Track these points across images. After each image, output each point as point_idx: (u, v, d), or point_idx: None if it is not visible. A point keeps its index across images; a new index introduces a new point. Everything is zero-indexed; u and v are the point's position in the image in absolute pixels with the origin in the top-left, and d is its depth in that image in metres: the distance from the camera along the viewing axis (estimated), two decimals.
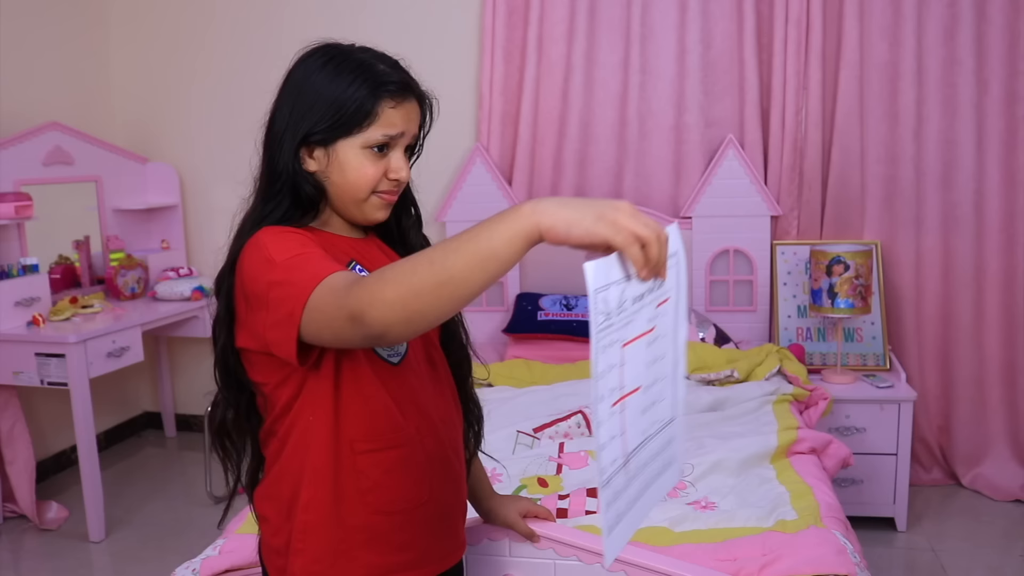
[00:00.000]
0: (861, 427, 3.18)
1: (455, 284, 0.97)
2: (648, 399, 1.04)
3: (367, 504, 1.26)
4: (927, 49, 3.43)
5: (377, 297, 0.99)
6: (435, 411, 1.33)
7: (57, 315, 3.44)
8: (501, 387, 3.16)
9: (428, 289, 0.97)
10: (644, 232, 0.93)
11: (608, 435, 0.96)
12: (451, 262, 0.97)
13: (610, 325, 0.94)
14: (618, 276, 0.94)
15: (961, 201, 3.48)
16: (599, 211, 0.93)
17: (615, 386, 0.96)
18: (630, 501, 1.04)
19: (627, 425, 1.00)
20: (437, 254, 0.98)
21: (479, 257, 0.96)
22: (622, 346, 0.96)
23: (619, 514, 1.01)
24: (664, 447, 1.11)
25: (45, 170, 3.71)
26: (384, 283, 1.00)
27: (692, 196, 3.67)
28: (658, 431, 1.09)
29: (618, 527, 1.01)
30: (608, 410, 0.96)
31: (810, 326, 3.56)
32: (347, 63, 1.24)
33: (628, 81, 3.71)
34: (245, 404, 1.32)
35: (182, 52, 4.29)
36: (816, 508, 2.11)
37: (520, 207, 0.96)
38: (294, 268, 1.13)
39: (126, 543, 3.31)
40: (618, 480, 1.00)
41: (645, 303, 1.00)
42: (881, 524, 3.24)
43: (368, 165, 1.25)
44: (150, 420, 4.62)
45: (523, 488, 2.30)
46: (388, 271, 1.01)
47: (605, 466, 0.96)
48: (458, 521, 1.42)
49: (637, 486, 1.05)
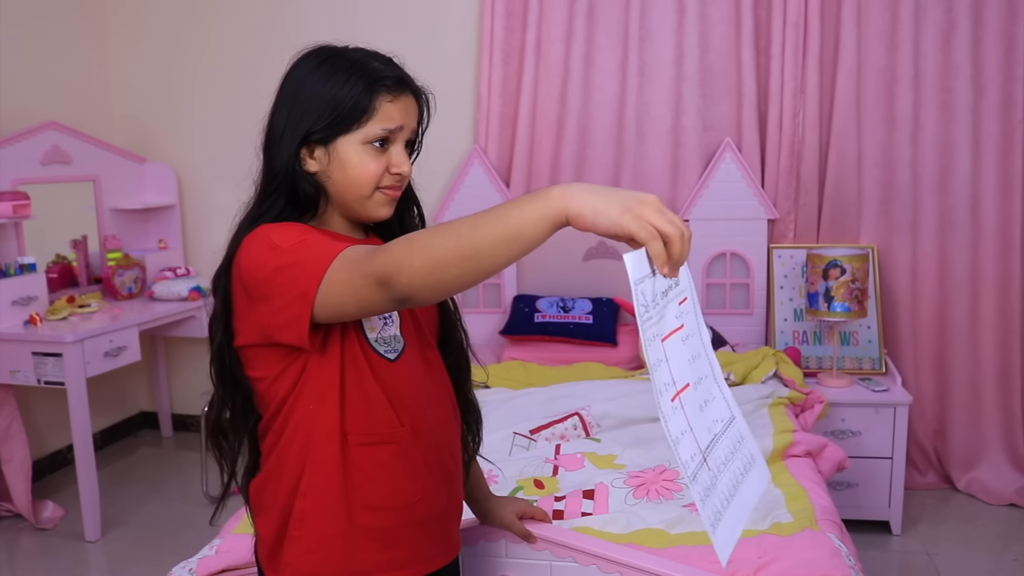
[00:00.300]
0: (857, 430, 3.19)
1: (481, 259, 1.00)
2: (700, 396, 1.05)
3: (359, 498, 1.27)
4: (924, 54, 3.45)
5: (406, 264, 1.02)
6: (431, 411, 1.34)
7: (54, 314, 3.44)
8: (498, 388, 3.16)
9: (455, 261, 1.00)
10: (668, 228, 0.94)
11: (679, 430, 0.97)
12: (479, 237, 0.99)
13: (649, 318, 0.95)
14: (647, 270, 0.96)
15: (957, 205, 3.50)
16: (626, 203, 0.95)
17: (668, 381, 0.97)
18: (724, 499, 1.03)
19: (691, 422, 1.01)
20: (465, 227, 1.01)
21: (507, 235, 0.98)
22: (661, 340, 0.98)
23: (717, 511, 1.00)
24: (737, 446, 1.11)
25: (43, 169, 3.71)
26: (411, 251, 1.02)
27: (689, 199, 3.68)
28: (724, 429, 1.09)
29: (721, 525, 1.00)
30: (669, 405, 0.97)
31: (806, 329, 3.57)
32: (341, 62, 1.26)
33: (626, 84, 3.71)
34: (241, 401, 1.33)
35: (181, 52, 4.29)
36: (811, 511, 2.12)
37: (549, 190, 0.98)
38: (302, 250, 1.15)
39: (122, 543, 3.31)
40: (703, 476, 0.99)
41: (669, 299, 1.01)
42: (876, 527, 3.25)
43: (369, 161, 1.26)
44: (146, 420, 4.62)
45: (519, 490, 2.30)
46: (415, 239, 1.04)
47: (686, 461, 0.97)
48: (452, 523, 1.43)
49: (726, 483, 1.04)
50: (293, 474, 1.27)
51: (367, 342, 1.26)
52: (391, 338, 1.28)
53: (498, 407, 2.93)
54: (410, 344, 1.31)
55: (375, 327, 1.27)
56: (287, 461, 1.28)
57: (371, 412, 1.26)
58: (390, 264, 1.04)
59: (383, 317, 1.28)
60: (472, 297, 3.87)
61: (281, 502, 1.29)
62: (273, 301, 1.16)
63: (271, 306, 1.16)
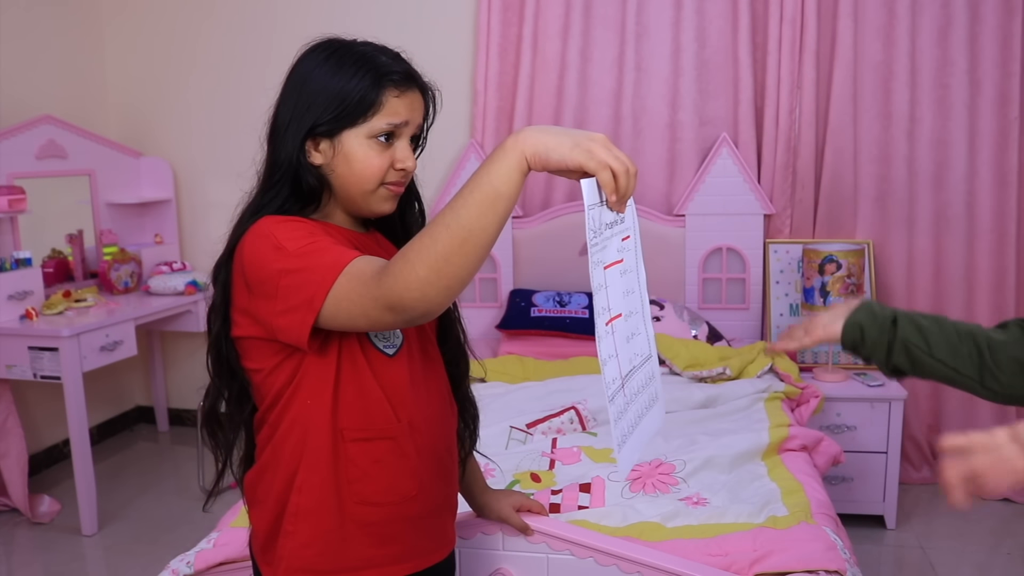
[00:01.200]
0: (852, 425, 3.20)
1: (475, 236, 1.03)
2: (628, 328, 1.14)
3: (354, 493, 1.27)
4: (920, 49, 3.45)
5: (411, 279, 1.04)
6: (428, 406, 1.34)
7: (50, 309, 3.43)
8: (494, 383, 3.17)
9: (454, 250, 1.03)
10: (614, 163, 1.02)
11: (607, 352, 1.06)
12: (464, 217, 1.03)
13: (596, 244, 1.04)
14: (597, 198, 1.05)
15: (953, 201, 3.50)
16: (576, 139, 1.03)
17: (604, 306, 1.06)
18: (631, 424, 1.13)
19: (618, 348, 1.10)
20: (449, 216, 1.04)
21: (486, 202, 1.03)
22: (604, 268, 1.07)
23: (624, 433, 1.10)
24: (648, 381, 1.20)
25: (38, 163, 3.71)
26: (411, 264, 1.04)
27: (686, 194, 3.68)
28: (641, 364, 1.18)
29: (625, 447, 1.10)
30: (604, 327, 1.06)
31: None
32: (349, 56, 1.26)
33: (623, 79, 3.71)
34: (237, 392, 1.33)
35: (176, 46, 4.28)
36: (807, 504, 2.12)
37: (504, 143, 1.04)
38: (308, 255, 1.15)
39: (119, 537, 3.31)
40: (619, 400, 1.09)
41: (615, 232, 1.10)
42: (871, 522, 3.26)
43: (374, 155, 1.26)
44: (143, 414, 4.61)
45: (516, 483, 2.31)
46: (410, 251, 1.05)
47: (608, 382, 1.07)
48: (448, 518, 1.43)
49: (634, 411, 1.13)
50: (288, 469, 1.27)
51: (366, 338, 1.26)
52: (390, 334, 1.28)
53: (494, 401, 2.93)
54: (408, 339, 1.32)
55: None
56: (282, 455, 1.28)
57: (367, 408, 1.26)
58: (395, 287, 1.05)
59: None
60: (468, 292, 3.87)
61: (275, 496, 1.29)
62: (276, 302, 1.16)
63: (274, 306, 1.17)
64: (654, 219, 3.71)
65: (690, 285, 3.72)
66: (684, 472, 2.34)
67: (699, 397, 2.95)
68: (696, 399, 2.94)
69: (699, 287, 3.72)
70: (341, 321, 1.14)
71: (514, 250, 3.82)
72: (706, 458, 2.39)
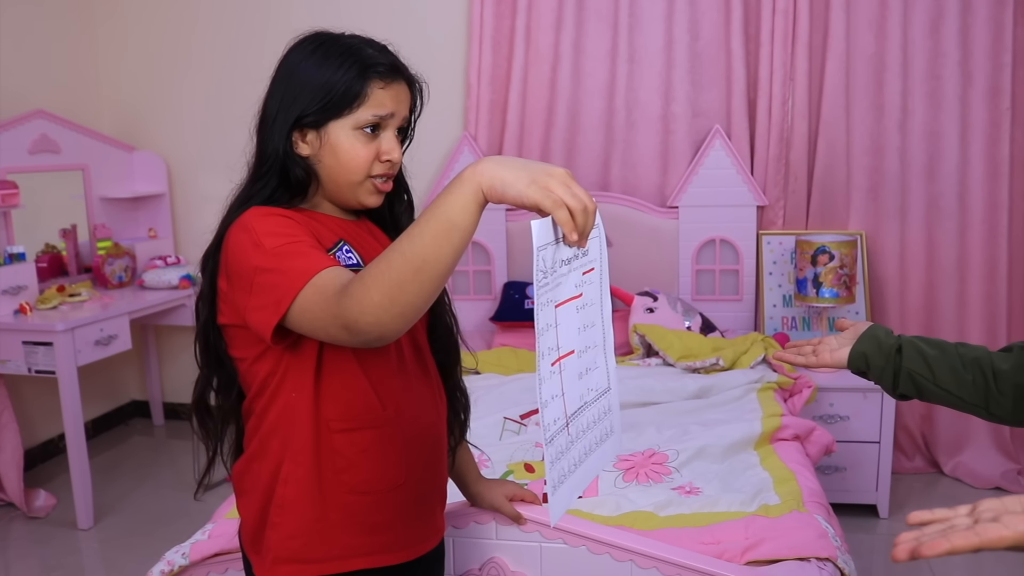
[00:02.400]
0: (845, 415, 3.22)
1: (429, 265, 1.01)
2: (583, 364, 1.11)
3: (342, 483, 1.28)
4: (913, 41, 3.46)
5: (366, 303, 1.03)
6: (417, 395, 1.35)
7: (44, 303, 3.43)
8: (488, 374, 3.18)
9: (408, 278, 1.01)
10: (572, 201, 0.98)
11: (550, 393, 1.03)
12: (419, 246, 1.01)
13: (546, 284, 1.00)
14: (551, 238, 1.01)
15: (945, 192, 3.52)
16: (533, 175, 0.99)
17: (552, 346, 1.03)
18: (573, 464, 1.09)
19: (565, 387, 1.06)
20: (405, 243, 1.03)
21: (442, 232, 1.01)
22: (555, 307, 1.03)
23: (562, 474, 1.06)
24: (602, 416, 1.17)
25: (31, 158, 3.70)
26: (367, 288, 1.03)
27: (679, 186, 3.69)
28: (595, 399, 1.15)
29: (562, 488, 1.06)
30: (548, 368, 1.02)
31: (795, 315, 3.59)
32: (335, 48, 1.26)
33: (616, 71, 3.72)
34: (225, 380, 1.34)
35: (169, 41, 4.28)
36: (799, 493, 2.14)
37: (462, 174, 1.02)
38: (283, 257, 1.15)
39: (114, 530, 3.32)
40: (560, 440, 1.05)
41: (573, 268, 1.06)
42: (863, 511, 3.28)
43: (360, 146, 1.26)
44: (138, 408, 4.62)
45: (510, 474, 2.32)
46: (367, 275, 1.04)
47: (548, 423, 1.02)
48: (437, 506, 1.44)
49: (579, 449, 1.11)
50: (274, 460, 1.28)
51: None
52: None
53: (488, 392, 2.94)
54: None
55: None
56: (269, 446, 1.29)
57: (352, 398, 1.27)
58: (351, 309, 1.04)
59: None
60: (463, 284, 3.88)
61: (262, 487, 1.30)
62: (251, 297, 1.17)
63: (248, 301, 1.18)
64: (647, 211, 3.72)
65: (683, 277, 3.73)
66: (677, 462, 2.35)
67: (692, 387, 2.96)
68: (689, 389, 2.95)
69: (692, 278, 3.73)
70: (304, 329, 1.14)
71: (508, 242, 3.82)
72: (699, 448, 2.41)
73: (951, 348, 1.40)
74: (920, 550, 0.81)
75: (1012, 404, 1.33)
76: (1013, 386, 1.32)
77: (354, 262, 1.27)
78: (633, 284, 3.64)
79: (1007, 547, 0.82)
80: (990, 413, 1.36)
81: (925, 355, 1.39)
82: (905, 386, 1.41)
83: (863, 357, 1.44)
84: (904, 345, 1.41)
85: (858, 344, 1.45)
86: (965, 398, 1.37)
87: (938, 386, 1.38)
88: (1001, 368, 1.34)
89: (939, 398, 1.39)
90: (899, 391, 1.43)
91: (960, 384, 1.37)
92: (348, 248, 1.28)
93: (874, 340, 1.44)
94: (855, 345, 1.45)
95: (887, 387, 1.44)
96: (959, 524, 0.85)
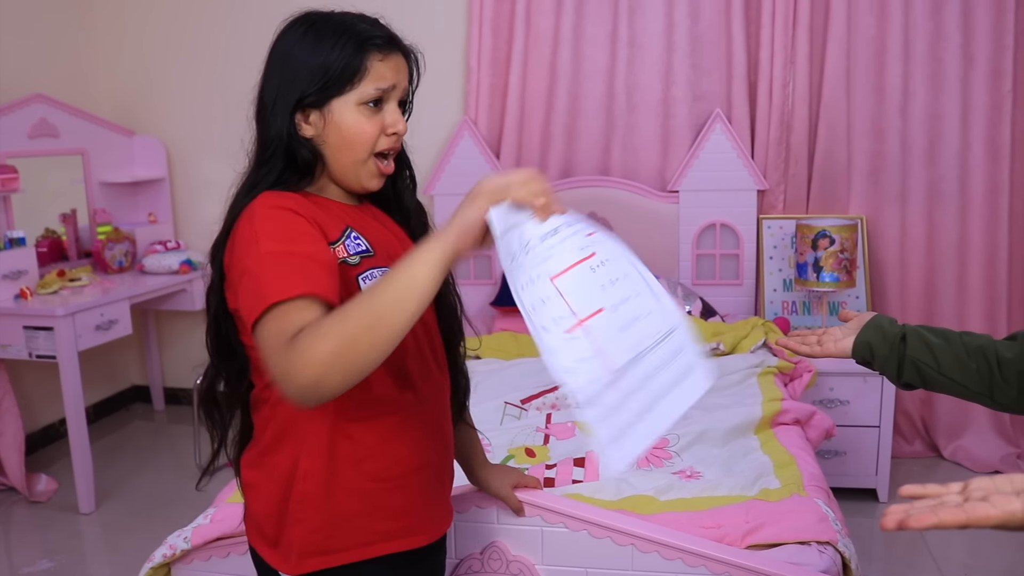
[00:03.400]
0: (845, 400, 3.22)
1: (386, 322, 1.04)
2: (623, 317, 1.08)
3: (362, 472, 1.27)
4: (914, 23, 3.44)
5: (314, 355, 1.02)
6: (429, 376, 1.35)
7: (45, 288, 3.43)
8: (489, 359, 3.18)
9: (362, 332, 1.03)
10: (508, 180, 1.05)
11: (572, 360, 1.01)
12: (377, 303, 1.04)
13: (519, 265, 1.02)
14: (516, 220, 1.04)
15: (946, 176, 3.51)
16: (466, 202, 1.08)
17: (561, 315, 1.02)
18: (638, 413, 1.06)
19: (604, 345, 1.04)
20: (366, 298, 1.06)
21: (402, 292, 1.05)
22: (551, 279, 1.03)
23: (621, 428, 1.03)
24: (672, 357, 1.12)
25: (31, 143, 3.69)
26: (321, 337, 1.03)
27: (679, 170, 3.68)
28: (656, 343, 1.11)
29: (626, 439, 1.04)
30: (561, 337, 1.01)
31: (795, 300, 3.59)
32: (327, 27, 1.25)
33: (616, 54, 3.70)
34: (236, 370, 1.33)
35: (168, 24, 4.25)
36: (799, 477, 2.14)
37: (427, 242, 1.08)
38: (268, 266, 1.12)
39: (116, 515, 3.33)
40: (607, 398, 1.03)
41: (564, 237, 1.07)
42: (863, 495, 3.29)
43: (364, 121, 1.26)
44: (138, 393, 4.63)
45: (511, 458, 2.32)
46: (323, 324, 1.04)
47: (577, 389, 1.01)
48: (449, 486, 1.44)
49: (645, 398, 1.07)
50: (290, 454, 1.27)
51: None
52: None
53: (489, 377, 2.95)
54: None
55: None
56: (283, 440, 1.28)
57: (368, 387, 1.25)
58: (294, 360, 1.03)
59: None
60: (463, 269, 3.87)
61: (279, 482, 1.29)
62: (238, 291, 1.17)
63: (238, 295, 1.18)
64: (648, 195, 3.71)
65: (684, 261, 3.73)
66: (677, 446, 2.36)
67: None
68: None
69: (693, 263, 3.73)
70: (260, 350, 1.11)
71: None
72: (699, 432, 2.41)
73: (955, 337, 1.40)
74: (908, 522, 0.82)
75: (1017, 392, 1.33)
76: (1017, 374, 1.32)
77: (363, 248, 1.26)
78: None
79: (993, 526, 0.84)
80: (995, 401, 1.36)
81: (930, 344, 1.39)
82: (910, 375, 1.41)
83: (867, 346, 1.44)
84: (908, 334, 1.41)
85: (862, 334, 1.45)
86: (970, 386, 1.37)
87: (943, 375, 1.38)
88: (1005, 356, 1.34)
89: (943, 387, 1.39)
90: (903, 380, 1.43)
91: (965, 372, 1.36)
92: (356, 235, 1.27)
93: (878, 330, 1.43)
94: (859, 335, 1.45)
95: (891, 376, 1.44)
96: (949, 501, 0.86)
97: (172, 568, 1.97)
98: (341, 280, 1.17)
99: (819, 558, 1.78)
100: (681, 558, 1.72)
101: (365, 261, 1.25)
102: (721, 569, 1.71)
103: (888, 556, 2.92)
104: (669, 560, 1.73)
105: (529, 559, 1.78)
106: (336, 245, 1.23)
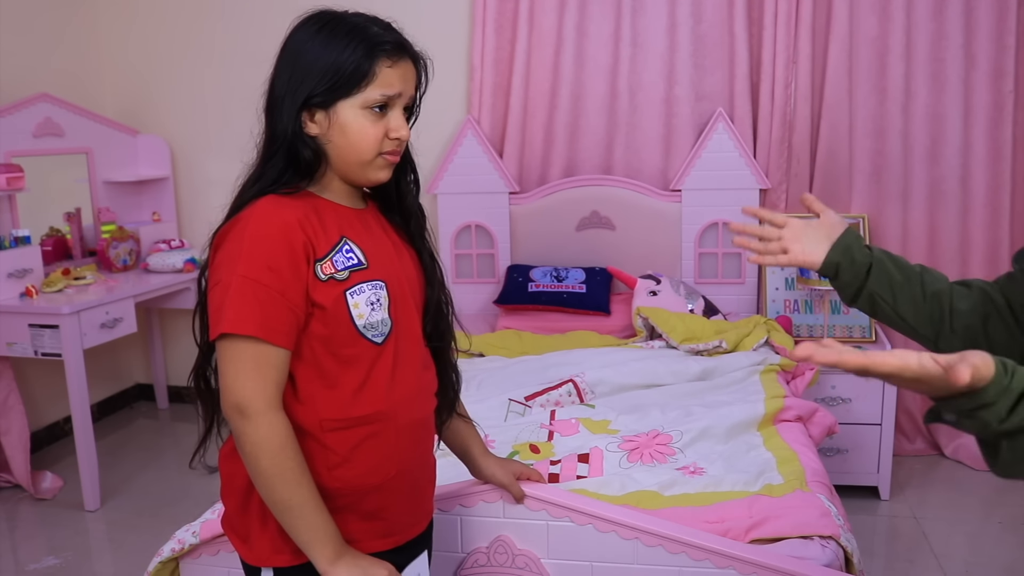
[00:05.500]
0: (847, 397, 3.24)
1: (289, 515, 1.24)
2: None
3: (335, 478, 1.29)
4: (916, 24, 3.46)
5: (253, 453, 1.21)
6: (409, 387, 1.35)
7: (50, 287, 3.44)
8: (493, 357, 3.19)
9: (273, 500, 1.23)
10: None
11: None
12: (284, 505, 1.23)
13: None
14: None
15: (947, 175, 3.52)
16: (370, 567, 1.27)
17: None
18: None
19: None
20: (281, 490, 1.22)
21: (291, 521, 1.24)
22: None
23: None
24: None
25: (35, 142, 3.71)
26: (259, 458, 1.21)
27: (682, 169, 3.69)
28: None
29: None
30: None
31: (797, 298, 3.60)
32: (341, 27, 1.27)
33: (619, 54, 3.72)
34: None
35: (173, 24, 4.27)
36: (802, 473, 2.15)
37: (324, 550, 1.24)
38: (236, 292, 1.19)
39: (121, 512, 3.35)
40: None
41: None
42: (865, 492, 3.30)
43: (368, 125, 1.27)
44: (143, 392, 4.64)
45: (515, 454, 2.33)
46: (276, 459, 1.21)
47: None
48: (427, 490, 1.45)
49: None
50: None
51: (355, 329, 1.27)
52: (379, 322, 1.29)
53: (493, 375, 2.96)
54: (397, 323, 1.32)
55: (363, 314, 1.27)
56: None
57: (346, 399, 1.28)
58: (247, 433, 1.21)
59: (371, 303, 1.28)
60: (466, 268, 3.88)
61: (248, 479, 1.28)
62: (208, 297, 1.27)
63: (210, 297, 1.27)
64: (650, 194, 3.73)
65: (686, 260, 3.74)
66: (681, 442, 2.37)
67: (695, 369, 2.97)
68: (693, 371, 2.96)
69: (695, 262, 3.74)
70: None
71: (511, 226, 3.83)
72: (703, 429, 2.42)
73: (916, 276, 1.39)
74: (815, 355, 0.93)
75: (961, 344, 1.32)
76: (965, 327, 1.33)
77: (354, 262, 1.27)
78: (636, 267, 3.65)
79: (887, 372, 0.93)
80: (937, 348, 1.35)
81: (892, 280, 1.38)
82: (863, 303, 1.41)
83: (835, 267, 1.41)
84: (874, 265, 1.39)
85: (833, 254, 1.41)
86: (919, 329, 1.38)
87: (895, 312, 1.38)
88: (959, 307, 1.34)
89: (892, 322, 1.40)
90: (856, 304, 1.43)
91: (917, 315, 1.37)
92: (349, 248, 1.28)
93: (848, 253, 1.40)
94: (830, 254, 1.42)
95: (846, 298, 1.44)
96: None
97: (180, 562, 1.98)
98: (327, 297, 1.23)
99: (822, 552, 1.79)
100: (686, 552, 1.74)
101: (355, 275, 1.26)
102: (725, 563, 1.73)
103: (890, 553, 2.93)
104: (674, 554, 1.74)
105: (535, 553, 1.79)
106: (323, 262, 1.24)
